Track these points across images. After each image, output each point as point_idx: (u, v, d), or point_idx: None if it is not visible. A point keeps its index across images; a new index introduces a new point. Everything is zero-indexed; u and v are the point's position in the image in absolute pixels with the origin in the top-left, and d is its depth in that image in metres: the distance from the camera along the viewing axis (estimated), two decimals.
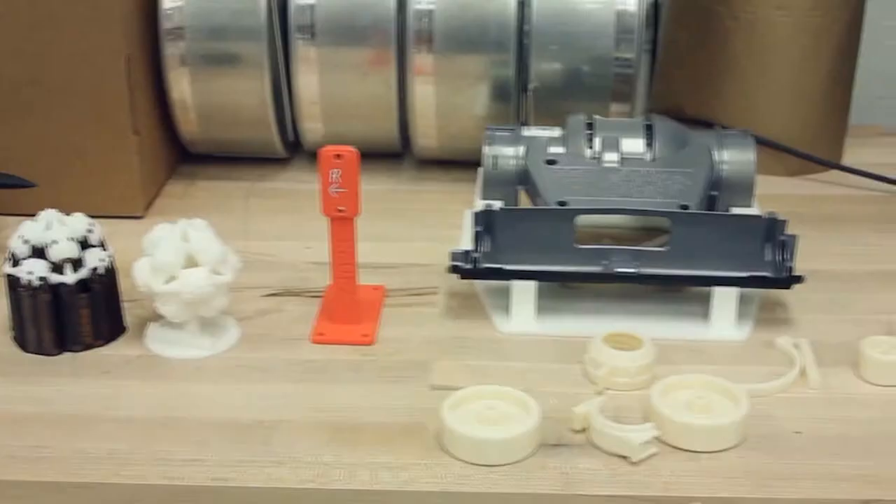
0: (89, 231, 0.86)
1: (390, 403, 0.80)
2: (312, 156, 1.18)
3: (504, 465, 0.74)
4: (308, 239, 1.02)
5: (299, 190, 1.13)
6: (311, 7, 1.04)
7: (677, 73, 1.18)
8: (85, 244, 0.86)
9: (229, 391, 0.82)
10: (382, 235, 1.01)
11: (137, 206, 1.05)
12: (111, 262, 0.86)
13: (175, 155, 1.15)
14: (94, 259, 0.85)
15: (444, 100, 1.06)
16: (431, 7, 1.03)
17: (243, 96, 1.07)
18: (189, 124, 1.10)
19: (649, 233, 1.01)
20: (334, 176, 0.83)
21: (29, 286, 0.84)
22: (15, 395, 0.81)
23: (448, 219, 1.06)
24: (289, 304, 0.92)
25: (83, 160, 1.03)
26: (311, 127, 1.11)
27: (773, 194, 1.04)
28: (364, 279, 0.90)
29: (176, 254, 0.83)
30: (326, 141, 1.12)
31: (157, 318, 0.88)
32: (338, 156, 0.83)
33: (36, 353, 0.85)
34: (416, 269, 0.97)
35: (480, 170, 1.03)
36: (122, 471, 0.74)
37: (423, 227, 1.05)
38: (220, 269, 0.85)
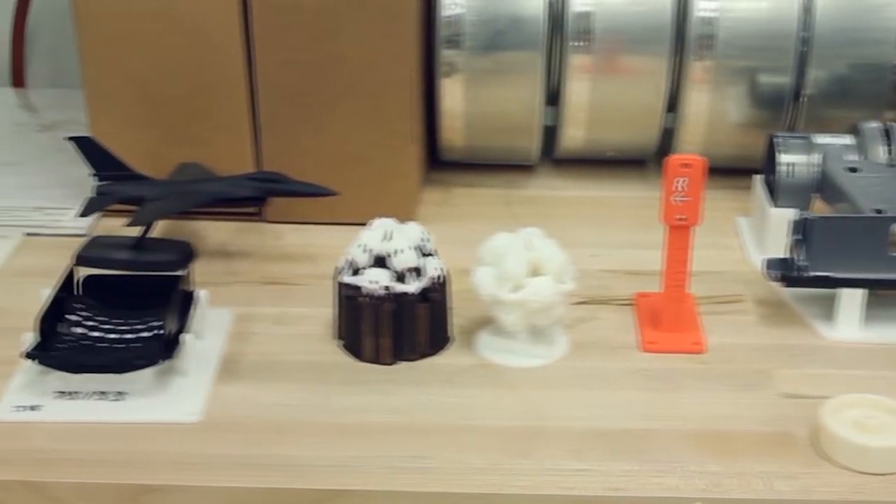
0: (424, 240, 0.86)
1: (747, 412, 0.80)
2: (557, 162, 1.18)
3: (892, 474, 0.74)
4: (583, 246, 1.01)
5: (554, 196, 1.13)
6: (588, 14, 1.04)
7: None
8: (421, 253, 0.86)
9: (580, 399, 0.82)
10: (655, 243, 1.01)
11: (411, 213, 1.05)
12: (446, 271, 0.86)
13: (428, 162, 1.15)
14: (432, 268, 0.85)
15: (716, 107, 1.06)
16: (714, 14, 1.03)
17: (513, 104, 1.07)
18: (454, 132, 1.10)
19: None
20: (679, 184, 0.83)
21: (372, 295, 0.84)
22: (366, 405, 0.81)
23: (716, 226, 1.05)
24: (601, 312, 0.92)
25: (363, 169, 1.02)
26: (573, 134, 1.11)
27: None
28: (658, 286, 0.90)
29: (522, 263, 0.83)
30: (585, 148, 1.13)
31: (483, 325, 0.88)
32: (686, 164, 0.83)
33: (372, 363, 0.85)
34: (711, 277, 0.97)
35: (758, 177, 1.03)
36: (515, 481, 0.74)
37: (696, 235, 1.04)
38: (563, 279, 0.85)
